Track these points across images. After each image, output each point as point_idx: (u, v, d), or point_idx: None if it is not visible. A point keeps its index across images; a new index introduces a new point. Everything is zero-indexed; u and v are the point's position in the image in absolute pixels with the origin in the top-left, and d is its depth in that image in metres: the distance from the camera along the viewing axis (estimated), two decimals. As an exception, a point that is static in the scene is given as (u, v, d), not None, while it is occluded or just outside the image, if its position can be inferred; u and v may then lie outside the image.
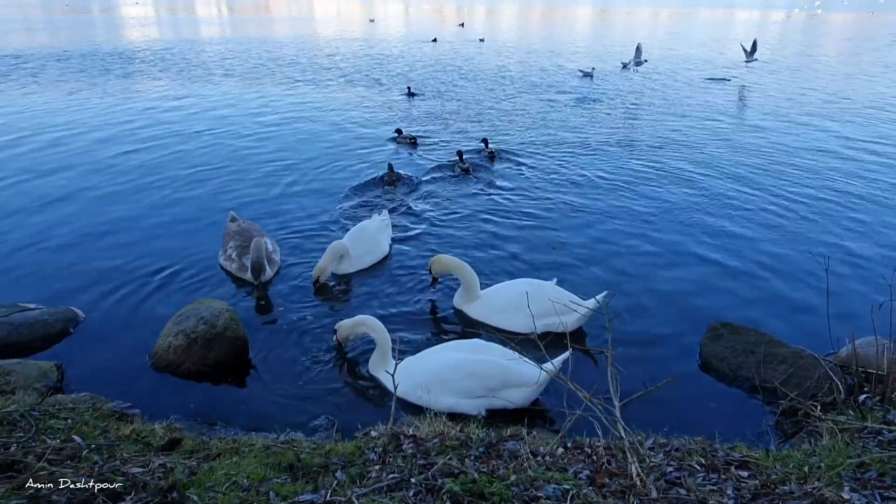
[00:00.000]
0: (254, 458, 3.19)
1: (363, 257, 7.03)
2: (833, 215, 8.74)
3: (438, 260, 6.08)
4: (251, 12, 63.98)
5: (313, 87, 19.32)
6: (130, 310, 6.02)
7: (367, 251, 7.09)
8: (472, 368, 4.57)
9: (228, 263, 6.76)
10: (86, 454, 3.08)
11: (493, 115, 15.26)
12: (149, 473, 2.92)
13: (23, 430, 3.26)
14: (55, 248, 7.29)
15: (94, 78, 19.76)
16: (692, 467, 3.12)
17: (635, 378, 4.20)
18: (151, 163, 10.83)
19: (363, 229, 7.27)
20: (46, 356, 5.15)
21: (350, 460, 3.16)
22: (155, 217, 8.35)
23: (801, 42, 39.33)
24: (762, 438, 4.29)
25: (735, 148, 12.35)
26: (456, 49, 31.14)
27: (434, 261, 6.10)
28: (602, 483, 2.90)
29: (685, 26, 53.39)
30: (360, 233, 7.20)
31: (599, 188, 9.83)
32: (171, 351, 5.05)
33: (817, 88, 20.04)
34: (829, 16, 74.20)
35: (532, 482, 2.86)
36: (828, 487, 2.82)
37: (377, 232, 7.33)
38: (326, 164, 11.06)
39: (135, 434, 3.50)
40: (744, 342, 5.24)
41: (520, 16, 69.29)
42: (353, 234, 7.17)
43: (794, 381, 4.68)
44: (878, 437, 3.48)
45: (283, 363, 5.24)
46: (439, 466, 2.95)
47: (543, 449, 3.31)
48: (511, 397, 4.57)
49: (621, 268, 7.08)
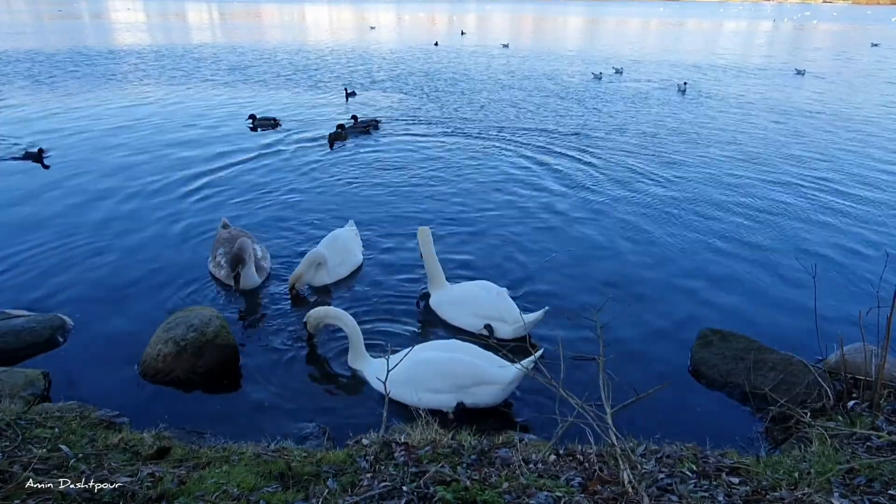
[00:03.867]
0: (244, 467, 3.16)
1: (337, 268, 6.86)
2: (821, 222, 8.83)
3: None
4: (257, 21, 63.93)
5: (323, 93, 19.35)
6: (119, 317, 5.96)
7: (342, 262, 6.92)
8: (442, 367, 4.70)
9: (217, 270, 6.71)
10: (73, 463, 3.05)
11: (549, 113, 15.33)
12: (137, 483, 2.88)
13: (9, 439, 3.22)
14: (43, 256, 7.21)
15: (83, 82, 19.67)
16: (683, 474, 3.13)
17: (626, 385, 4.20)
18: (141, 168, 10.77)
19: (335, 238, 7.03)
20: (34, 364, 5.09)
21: (341, 468, 3.15)
22: (144, 224, 8.29)
23: (786, 50, 39.81)
24: (753, 445, 4.32)
25: (722, 155, 12.45)
26: (482, 54, 31.57)
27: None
28: (594, 490, 2.90)
29: (674, 36, 53.91)
30: (334, 242, 6.94)
31: (597, 191, 9.90)
32: (160, 359, 5.01)
33: (804, 95, 20.29)
34: (816, 26, 75.24)
35: (524, 490, 2.86)
36: (818, 493, 2.84)
37: (349, 241, 7.16)
38: (328, 164, 11.08)
39: (123, 443, 3.46)
40: (734, 349, 5.27)
41: (520, 23, 69.73)
42: (326, 244, 6.88)
43: (784, 388, 4.71)
44: (867, 442, 3.51)
45: (274, 371, 5.21)
46: (431, 474, 2.94)
47: (535, 456, 3.31)
48: (480, 395, 4.68)
49: (611, 275, 7.10)
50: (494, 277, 6.75)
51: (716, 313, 6.28)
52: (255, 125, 13.69)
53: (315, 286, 6.73)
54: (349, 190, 10.01)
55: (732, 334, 5.48)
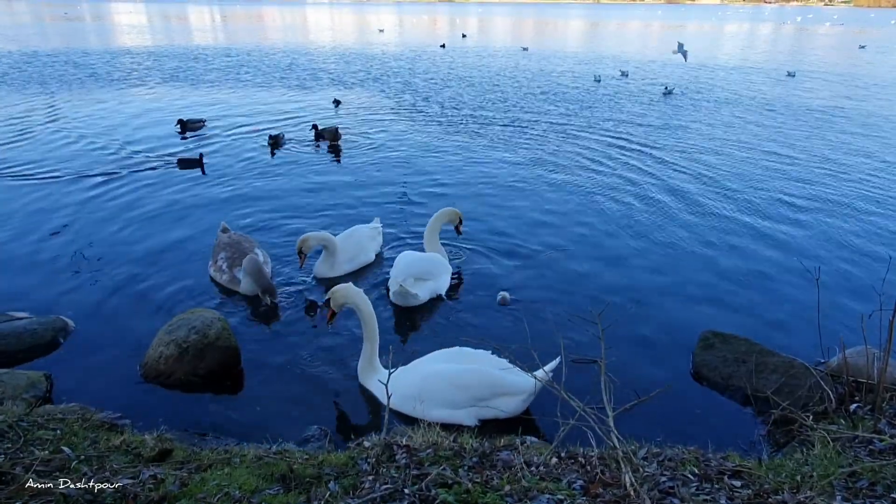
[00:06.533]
0: (246, 469, 3.16)
1: (343, 264, 6.94)
2: (823, 225, 8.82)
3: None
4: (265, 24, 64.04)
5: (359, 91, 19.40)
6: (121, 319, 5.97)
7: (350, 258, 7.01)
8: (459, 380, 4.54)
9: (219, 275, 6.70)
10: (75, 465, 3.05)
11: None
12: (139, 485, 2.89)
13: (11, 441, 3.23)
14: (44, 258, 7.22)
15: (87, 84, 19.73)
16: (685, 477, 3.13)
17: (628, 387, 4.20)
18: (143, 170, 10.79)
19: (352, 234, 7.19)
20: (35, 366, 5.10)
21: (343, 471, 3.15)
22: (146, 226, 8.30)
23: (787, 51, 39.84)
24: (754, 447, 4.31)
25: (724, 158, 12.44)
26: (506, 57, 31.86)
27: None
28: (596, 493, 2.89)
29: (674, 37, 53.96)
30: (349, 237, 7.12)
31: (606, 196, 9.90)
32: (161, 361, 5.01)
33: (807, 97, 20.29)
34: (816, 28, 75.28)
35: (526, 492, 2.86)
36: (820, 497, 2.84)
37: (365, 238, 7.25)
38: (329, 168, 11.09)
39: (125, 445, 3.47)
40: (735, 351, 5.27)
41: (522, 26, 69.84)
42: (342, 236, 7.11)
43: (786, 391, 4.70)
44: (870, 446, 3.50)
45: (275, 373, 5.21)
46: (433, 477, 2.94)
47: (537, 459, 3.31)
48: (501, 406, 4.52)
49: (612, 277, 7.10)
50: (495, 278, 6.75)
51: (717, 316, 6.26)
52: (188, 127, 13.78)
53: (318, 277, 6.80)
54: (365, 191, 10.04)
55: (734, 337, 5.47)
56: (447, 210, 7.12)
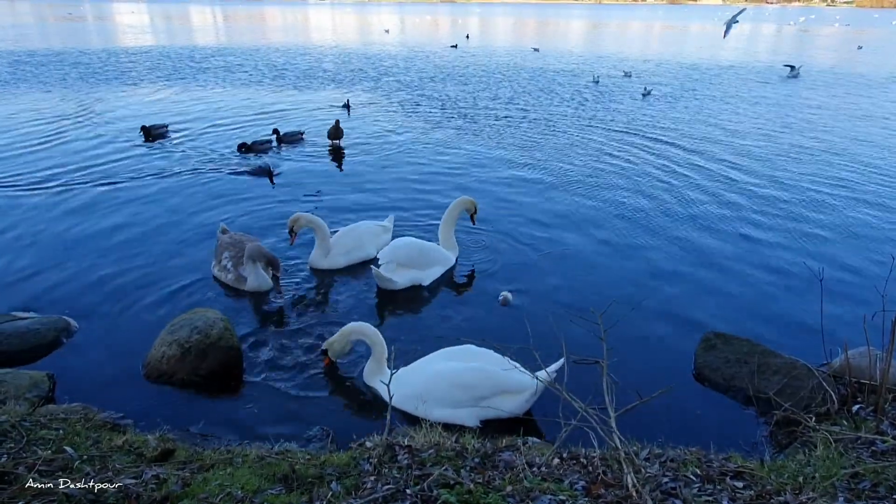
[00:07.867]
0: (248, 469, 3.17)
1: (338, 256, 7.00)
2: (827, 226, 8.80)
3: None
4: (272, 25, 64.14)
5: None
6: (123, 319, 5.98)
7: (346, 251, 7.07)
8: (460, 378, 4.54)
9: (223, 274, 6.72)
10: (77, 465, 3.06)
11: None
12: (142, 485, 2.89)
13: (13, 441, 3.24)
14: (47, 257, 7.24)
15: (91, 82, 19.77)
16: (687, 478, 3.13)
17: (630, 388, 4.20)
18: (146, 171, 10.81)
19: (354, 228, 7.31)
20: (38, 366, 5.10)
21: (345, 471, 3.15)
22: (149, 226, 8.31)
23: (791, 53, 39.79)
24: (757, 449, 4.30)
25: (726, 157, 12.43)
26: (519, 57, 31.99)
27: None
28: (598, 494, 2.89)
29: (679, 38, 53.92)
30: (349, 231, 7.22)
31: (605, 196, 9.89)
32: (164, 361, 5.02)
33: (814, 99, 20.26)
34: (819, 29, 75.18)
35: (528, 493, 2.86)
36: (822, 498, 2.83)
37: (366, 234, 7.30)
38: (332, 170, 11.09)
39: (127, 445, 3.48)
40: (737, 352, 5.26)
41: (525, 27, 69.86)
42: (345, 230, 7.27)
43: (788, 392, 4.69)
44: (872, 447, 3.50)
45: (277, 373, 5.21)
46: (435, 477, 2.94)
47: (539, 459, 3.31)
48: (503, 405, 4.51)
49: (613, 277, 7.10)
50: (494, 278, 6.74)
51: (719, 316, 6.26)
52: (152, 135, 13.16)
53: (313, 267, 6.92)
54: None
55: (736, 338, 5.46)
56: (463, 199, 7.36)
